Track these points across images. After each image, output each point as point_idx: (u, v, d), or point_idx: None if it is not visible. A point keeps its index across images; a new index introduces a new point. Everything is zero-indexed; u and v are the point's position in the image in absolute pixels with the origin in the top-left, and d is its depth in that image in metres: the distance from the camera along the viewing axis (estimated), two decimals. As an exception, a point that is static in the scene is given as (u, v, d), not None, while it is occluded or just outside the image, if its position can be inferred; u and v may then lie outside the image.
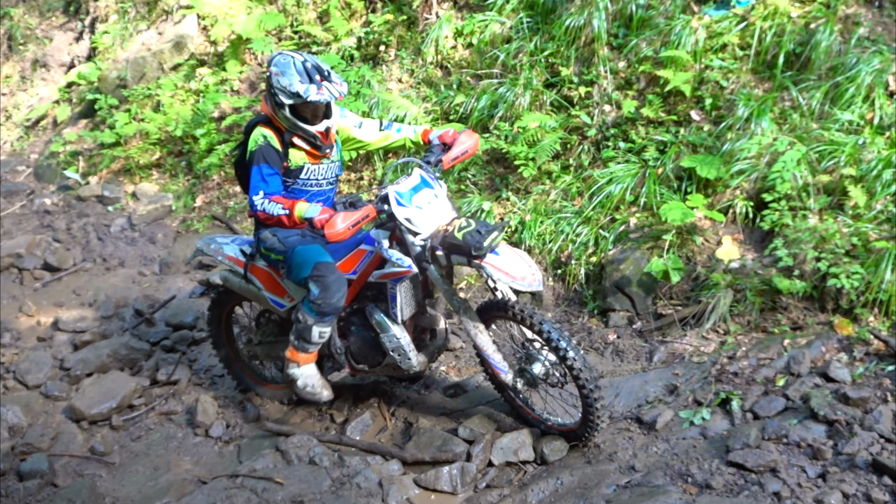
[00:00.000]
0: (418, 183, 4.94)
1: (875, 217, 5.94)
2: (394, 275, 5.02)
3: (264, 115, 5.12)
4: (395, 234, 4.97)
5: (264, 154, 4.97)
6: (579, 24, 7.58)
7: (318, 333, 5.24)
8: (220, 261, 5.73)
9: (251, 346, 6.05)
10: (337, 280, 5.10)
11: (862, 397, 5.05)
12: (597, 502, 4.70)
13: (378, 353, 5.38)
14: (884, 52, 6.53)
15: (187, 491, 5.23)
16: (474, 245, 4.68)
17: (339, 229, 4.56)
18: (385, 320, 5.22)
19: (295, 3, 9.78)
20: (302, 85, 4.81)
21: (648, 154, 6.90)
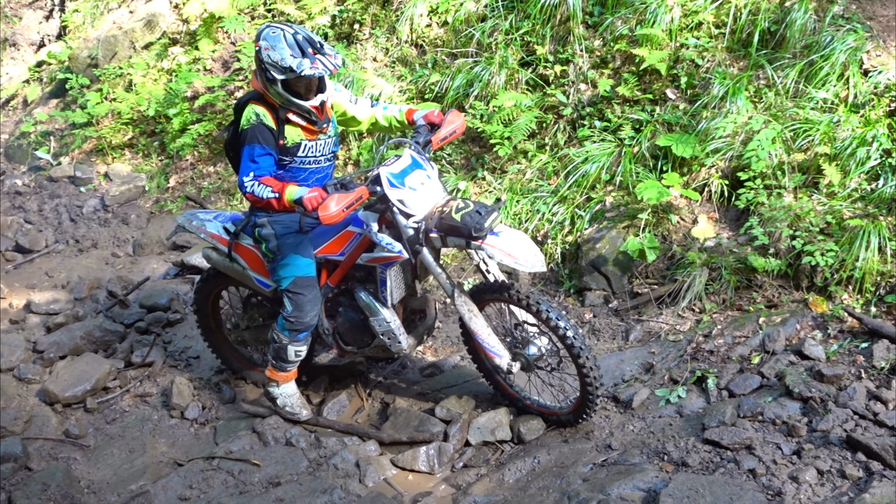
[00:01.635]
0: (410, 164, 4.85)
1: (849, 195, 5.98)
2: (384, 259, 4.95)
3: (255, 92, 4.95)
4: (384, 217, 4.88)
5: (257, 133, 4.82)
6: (554, 2, 7.54)
7: (293, 353, 5.28)
8: (203, 238, 5.61)
9: (238, 331, 5.99)
10: (311, 300, 5.13)
11: (836, 374, 5.09)
12: (573, 481, 4.72)
13: (367, 335, 5.31)
14: (858, 31, 6.54)
15: (163, 473, 5.21)
16: (474, 226, 4.61)
17: (333, 212, 4.44)
18: (375, 304, 5.14)
19: (268, -20, 9.71)
20: (294, 59, 4.65)
21: (624, 133, 6.90)
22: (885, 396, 4.89)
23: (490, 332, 5.03)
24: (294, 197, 4.62)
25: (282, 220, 5.09)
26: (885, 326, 5.31)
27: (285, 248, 5.09)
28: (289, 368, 5.39)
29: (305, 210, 4.59)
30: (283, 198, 4.65)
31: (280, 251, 5.09)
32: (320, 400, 5.81)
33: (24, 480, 5.11)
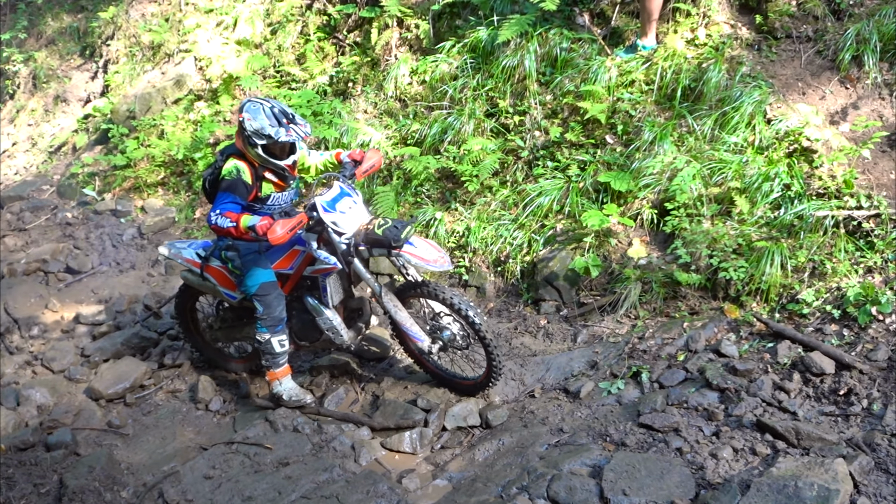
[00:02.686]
0: (339, 193, 5.08)
1: (756, 221, 6.01)
2: (324, 270, 5.16)
3: (237, 149, 5.07)
4: (322, 237, 5.06)
5: (235, 186, 4.94)
6: (513, 64, 7.58)
7: (278, 344, 5.36)
8: (180, 263, 5.75)
9: (213, 332, 6.05)
10: (276, 297, 5.30)
11: (747, 369, 5.11)
12: (532, 458, 4.70)
13: (316, 332, 5.47)
14: (762, 87, 6.60)
15: (191, 456, 5.16)
16: (393, 238, 4.88)
17: (279, 234, 4.64)
18: (319, 306, 5.33)
19: (277, 47, 9.69)
20: (273, 128, 4.83)
21: (572, 171, 6.91)
22: (787, 387, 4.91)
23: (413, 321, 5.26)
24: (248, 224, 4.77)
25: (242, 245, 5.26)
26: (787, 329, 5.34)
27: (248, 264, 5.26)
28: (281, 362, 5.44)
29: (257, 235, 4.74)
30: (240, 225, 4.79)
31: (244, 266, 5.27)
32: (322, 393, 5.77)
33: (73, 464, 5.04)
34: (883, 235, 5.63)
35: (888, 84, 6.55)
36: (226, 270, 5.47)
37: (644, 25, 7.18)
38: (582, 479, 4.33)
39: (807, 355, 5.04)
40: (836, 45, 6.80)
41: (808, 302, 5.48)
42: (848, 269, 5.54)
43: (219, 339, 6.08)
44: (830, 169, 6.06)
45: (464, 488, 4.60)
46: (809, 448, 4.34)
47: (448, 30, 8.49)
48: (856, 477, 4.02)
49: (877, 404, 4.64)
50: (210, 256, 5.52)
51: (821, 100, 6.66)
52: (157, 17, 10.99)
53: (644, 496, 4.13)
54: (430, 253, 5.04)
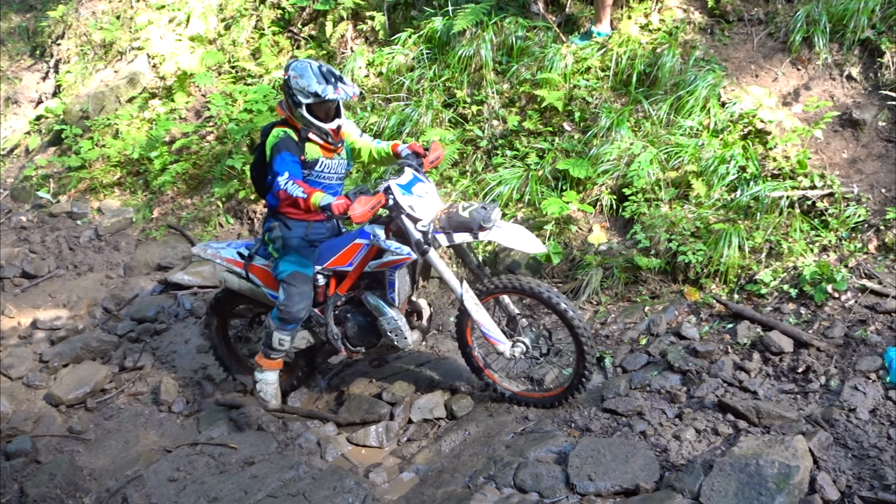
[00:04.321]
0: (413, 177, 4.75)
1: (713, 204, 6.07)
2: (393, 262, 4.75)
3: (278, 120, 4.87)
4: (388, 227, 4.74)
5: (286, 144, 4.68)
6: (469, 53, 7.57)
7: (277, 340, 5.06)
8: (219, 263, 5.40)
9: (250, 345, 5.71)
10: (301, 292, 4.94)
11: (708, 350, 5.17)
12: (498, 447, 4.71)
13: (374, 336, 5.10)
14: (716, 70, 6.66)
15: (155, 459, 5.07)
16: (483, 219, 4.56)
17: (360, 212, 4.30)
18: (383, 305, 4.94)
19: (231, 42, 9.59)
20: (320, 85, 4.58)
21: (530, 160, 6.92)
22: (747, 367, 4.98)
23: (493, 323, 4.84)
24: (322, 203, 4.43)
25: (291, 227, 4.99)
26: (745, 310, 5.41)
27: (290, 248, 4.97)
28: (273, 356, 5.17)
29: (332, 214, 4.41)
30: (310, 200, 4.45)
31: (284, 249, 4.96)
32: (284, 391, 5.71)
33: (33, 472, 4.95)
34: (836, 214, 5.72)
35: (838, 64, 6.64)
36: (268, 264, 5.15)
37: (598, 12, 7.20)
38: (548, 466, 4.35)
39: (766, 335, 5.12)
40: (787, 27, 6.88)
41: (766, 282, 5.55)
42: (804, 248, 5.62)
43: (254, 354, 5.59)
44: (784, 150, 6.13)
45: (431, 480, 4.60)
46: (770, 426, 4.40)
47: (403, 21, 8.46)
48: (815, 453, 4.08)
49: (834, 381, 4.72)
50: (254, 255, 5.23)
51: (773, 82, 6.73)
52: (108, 15, 10.82)
53: (609, 480, 4.16)
54: (523, 235, 4.72)
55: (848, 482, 3.95)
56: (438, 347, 6.07)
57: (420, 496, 4.46)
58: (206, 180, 8.68)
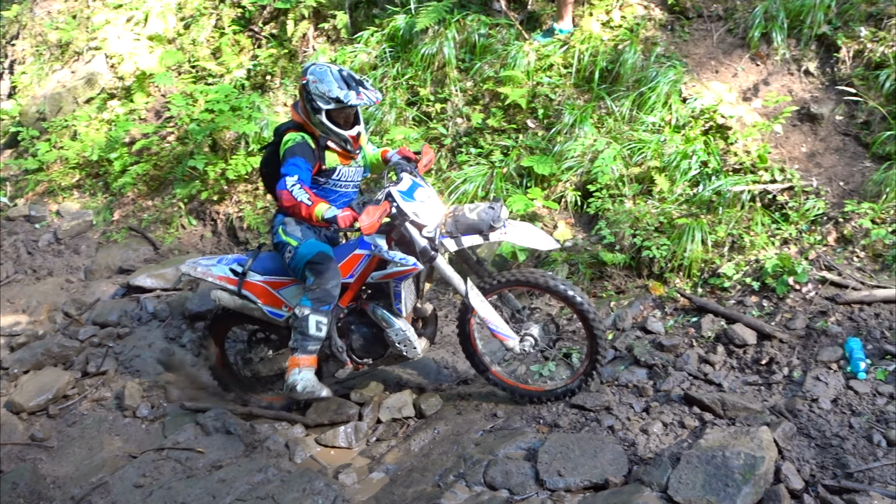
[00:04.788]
0: (413, 183, 4.63)
1: (676, 199, 6.14)
2: (398, 273, 4.60)
3: (294, 122, 4.70)
4: (390, 237, 4.60)
5: (302, 150, 4.52)
6: (432, 51, 7.57)
7: (315, 324, 4.69)
8: (211, 282, 5.17)
9: (252, 365, 5.51)
10: (332, 270, 4.67)
11: (673, 344, 5.23)
12: (468, 446, 4.72)
13: (380, 347, 4.95)
14: (677, 67, 6.73)
15: (120, 465, 5.00)
16: (492, 219, 4.48)
17: (368, 223, 4.17)
18: (389, 316, 4.80)
19: (191, 41, 9.48)
20: (342, 90, 4.43)
21: (495, 157, 6.95)
22: (712, 360, 5.04)
23: (500, 318, 4.74)
24: (327, 215, 4.29)
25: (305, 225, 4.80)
26: (709, 304, 5.48)
27: (307, 236, 4.78)
28: (309, 348, 4.75)
29: (339, 227, 4.29)
30: (314, 209, 4.30)
31: (304, 239, 4.75)
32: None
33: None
34: (797, 207, 5.82)
35: (796, 59, 6.75)
36: (270, 286, 4.95)
37: (560, 9, 7.25)
38: (517, 462, 4.37)
39: (729, 327, 5.19)
40: (746, 23, 6.98)
41: (729, 275, 5.62)
42: (765, 241, 5.70)
43: (258, 374, 5.52)
44: (745, 145, 6.22)
45: (401, 479, 4.60)
46: (735, 418, 4.47)
47: (365, 19, 8.44)
48: (780, 443, 4.15)
49: (797, 371, 4.80)
50: (248, 271, 5.02)
51: (733, 77, 6.82)
52: (64, 15, 10.64)
53: (578, 476, 4.19)
54: (533, 231, 4.63)
55: (812, 471, 4.02)
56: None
57: (390, 496, 4.46)
58: (168, 181, 8.59)
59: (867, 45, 6.46)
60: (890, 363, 4.70)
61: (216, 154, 8.18)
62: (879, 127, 6.15)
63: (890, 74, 6.22)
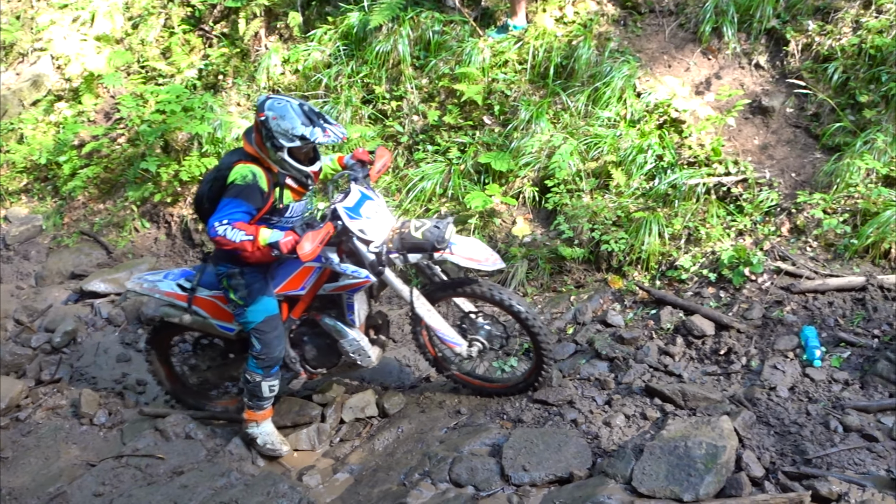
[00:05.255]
0: (360, 197, 4.52)
1: (633, 193, 6.20)
2: (350, 286, 4.57)
3: (246, 153, 4.37)
4: (341, 248, 4.52)
5: (247, 192, 4.23)
6: (387, 49, 7.55)
7: (267, 388, 4.78)
8: (158, 298, 5.03)
9: (200, 373, 5.41)
10: (278, 336, 4.69)
11: (634, 337, 5.29)
12: (432, 443, 4.73)
13: (334, 356, 4.93)
14: (630, 62, 6.80)
15: (78, 475, 4.91)
16: (437, 239, 4.41)
17: (309, 250, 4.03)
18: (343, 328, 4.78)
19: (140, 41, 9.34)
20: (307, 128, 4.18)
21: (452, 154, 6.96)
22: (672, 351, 5.11)
23: (448, 325, 4.76)
24: (269, 240, 4.13)
25: (249, 272, 4.59)
26: (668, 296, 5.55)
27: (255, 293, 4.60)
28: (265, 406, 4.87)
29: (281, 252, 4.13)
30: (258, 240, 4.12)
31: (250, 297, 4.60)
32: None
33: (-53, 495, 4.77)
34: (750, 199, 5.92)
35: (746, 53, 6.86)
36: (220, 301, 4.81)
37: (513, 5, 7.28)
38: (482, 459, 4.39)
39: (688, 319, 5.26)
40: (697, 18, 7.08)
41: (686, 267, 5.70)
42: (721, 233, 5.79)
43: (207, 381, 5.44)
44: (699, 138, 6.31)
45: (366, 479, 4.60)
46: (696, 408, 4.53)
47: (318, 17, 8.39)
48: (740, 432, 4.23)
49: (754, 361, 4.89)
50: (197, 286, 4.88)
51: (686, 71, 6.91)
52: (7, 15, 10.39)
53: (543, 470, 4.22)
54: (479, 251, 4.56)
55: (771, 459, 4.10)
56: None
57: (356, 496, 4.45)
58: (119, 184, 8.44)
59: (815, 38, 6.58)
60: (844, 350, 4.81)
61: (169, 155, 8.07)
62: (829, 119, 6.28)
63: (838, 67, 6.35)
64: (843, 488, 3.77)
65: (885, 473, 3.89)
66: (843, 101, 6.26)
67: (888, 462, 3.98)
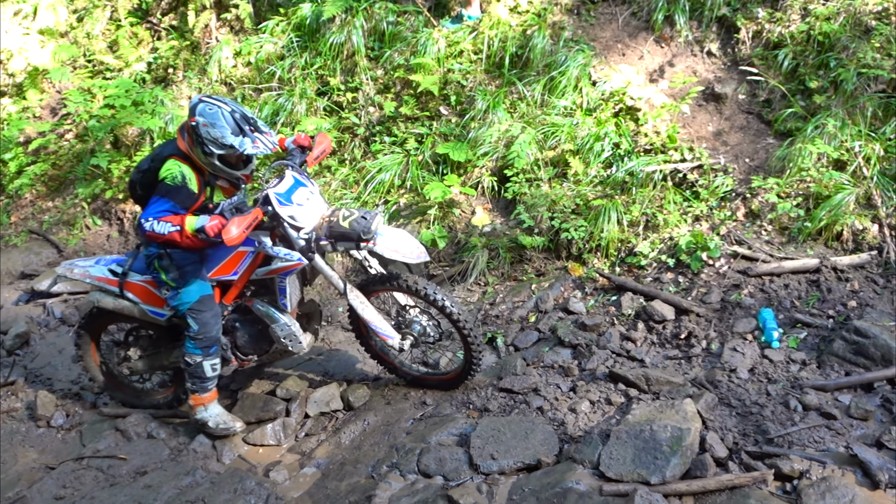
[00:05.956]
0: (293, 183, 4.53)
1: (591, 181, 6.27)
2: (283, 269, 4.60)
3: (179, 150, 4.40)
4: (274, 233, 4.54)
5: (175, 192, 4.29)
6: (341, 40, 7.51)
7: (209, 368, 4.78)
8: (89, 283, 5.00)
9: (131, 363, 5.33)
10: (214, 315, 4.69)
11: (595, 323, 5.34)
12: (399, 435, 4.74)
13: (265, 342, 4.94)
14: (585, 51, 6.86)
15: (37, 478, 4.81)
16: (363, 230, 4.43)
17: (235, 234, 4.05)
18: (275, 312, 4.79)
19: (85, 35, 9.14)
20: (236, 138, 4.23)
21: (409, 145, 6.95)
22: (634, 336, 5.18)
23: (381, 318, 4.80)
24: (196, 226, 4.18)
25: (180, 252, 4.57)
26: (628, 282, 5.62)
27: (187, 275, 4.59)
28: (209, 387, 4.86)
29: (208, 237, 4.15)
30: (185, 229, 4.19)
31: (182, 278, 4.59)
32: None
33: None
34: (706, 185, 6.02)
35: (699, 41, 6.96)
36: (151, 285, 4.78)
37: (468, -5, 7.30)
38: (450, 449, 4.41)
39: (648, 304, 5.34)
40: (649, 6, 7.17)
41: (645, 254, 5.78)
42: (678, 219, 5.88)
43: (138, 372, 5.34)
44: (654, 125, 6.39)
45: (333, 473, 4.58)
46: (659, 392, 4.60)
47: (269, 8, 8.33)
48: (703, 414, 4.30)
49: (714, 344, 4.99)
50: (129, 271, 4.85)
51: (640, 59, 6.99)
52: (-55, 9, 10.13)
53: (511, 458, 4.25)
54: (406, 244, 4.60)
55: (734, 439, 4.18)
56: (329, 339, 6.04)
57: (323, 490, 4.44)
58: (69, 181, 8.29)
59: (765, 25, 6.70)
60: (801, 331, 4.93)
61: (119, 151, 7.95)
62: (780, 104, 6.40)
63: (788, 53, 6.48)
64: (804, 466, 3.87)
65: (843, 450, 4.00)
66: (794, 87, 6.39)
67: (847, 438, 4.09)
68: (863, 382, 4.47)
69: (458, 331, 4.75)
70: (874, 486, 3.71)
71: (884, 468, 3.77)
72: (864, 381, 4.47)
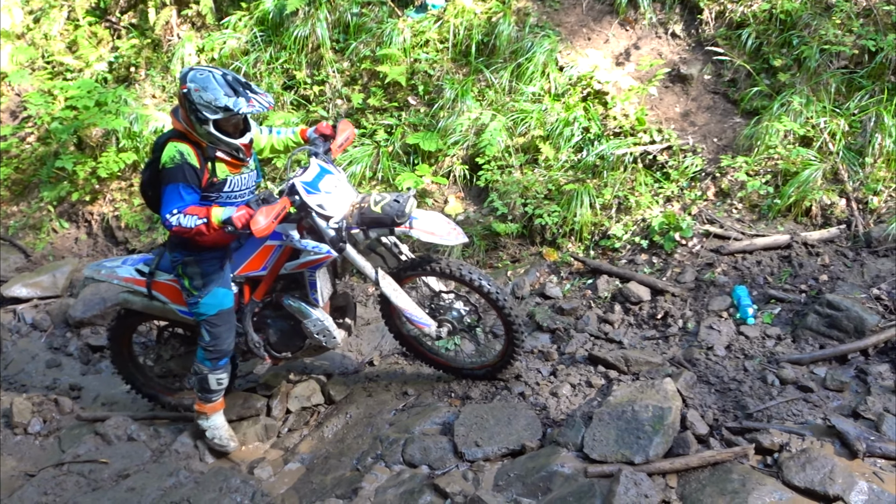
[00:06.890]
0: (319, 172, 4.38)
1: (562, 166, 6.31)
2: (312, 262, 4.45)
3: (175, 131, 4.23)
4: (301, 225, 4.40)
5: (179, 172, 4.11)
6: (305, 33, 7.48)
7: (215, 381, 4.71)
8: (117, 284, 4.89)
9: (163, 363, 5.24)
10: (229, 329, 4.61)
11: (573, 307, 5.40)
12: (382, 426, 4.75)
13: (298, 339, 4.80)
14: (551, 36, 6.89)
15: (17, 486, 4.76)
16: (396, 214, 4.28)
17: (263, 225, 3.92)
18: (305, 307, 4.64)
19: (43, 36, 9.01)
20: (229, 98, 4.02)
21: (379, 136, 6.94)
22: (611, 318, 5.24)
23: (416, 305, 4.61)
24: (222, 217, 4.01)
25: (206, 259, 4.47)
26: (602, 265, 5.68)
27: (210, 283, 4.49)
28: (214, 399, 4.79)
29: (236, 229, 3.99)
30: (212, 221, 4.01)
31: (205, 287, 4.49)
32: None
33: None
34: (676, 166, 6.09)
35: (662, 23, 7.02)
36: (178, 284, 4.64)
37: (431, -17, 7.29)
38: (434, 438, 4.44)
39: (624, 286, 5.40)
40: (613, -10, 7.21)
41: (619, 236, 5.84)
42: (650, 200, 5.94)
43: (171, 371, 5.26)
44: (623, 108, 6.44)
45: (317, 467, 4.60)
46: (639, 373, 4.67)
47: (231, 3, 8.25)
48: (683, 392, 4.37)
49: (690, 322, 5.06)
50: (156, 270, 4.74)
51: (605, 43, 7.04)
52: None
53: (495, 444, 4.29)
54: (441, 225, 4.44)
55: (715, 416, 4.25)
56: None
57: (309, 485, 4.45)
58: (33, 184, 8.17)
59: (728, 5, 6.78)
60: (775, 306, 5.01)
61: (83, 152, 7.85)
62: (745, 84, 6.49)
63: (751, 33, 6.56)
64: (783, 439, 3.94)
65: (821, 422, 4.08)
66: (759, 66, 6.47)
67: (824, 410, 4.18)
68: (837, 355, 4.57)
69: (499, 312, 4.60)
70: (852, 455, 3.79)
71: (861, 437, 3.85)
72: (838, 354, 4.57)
